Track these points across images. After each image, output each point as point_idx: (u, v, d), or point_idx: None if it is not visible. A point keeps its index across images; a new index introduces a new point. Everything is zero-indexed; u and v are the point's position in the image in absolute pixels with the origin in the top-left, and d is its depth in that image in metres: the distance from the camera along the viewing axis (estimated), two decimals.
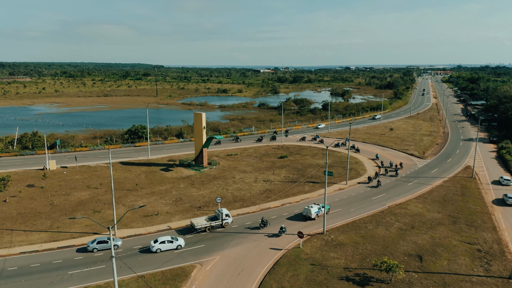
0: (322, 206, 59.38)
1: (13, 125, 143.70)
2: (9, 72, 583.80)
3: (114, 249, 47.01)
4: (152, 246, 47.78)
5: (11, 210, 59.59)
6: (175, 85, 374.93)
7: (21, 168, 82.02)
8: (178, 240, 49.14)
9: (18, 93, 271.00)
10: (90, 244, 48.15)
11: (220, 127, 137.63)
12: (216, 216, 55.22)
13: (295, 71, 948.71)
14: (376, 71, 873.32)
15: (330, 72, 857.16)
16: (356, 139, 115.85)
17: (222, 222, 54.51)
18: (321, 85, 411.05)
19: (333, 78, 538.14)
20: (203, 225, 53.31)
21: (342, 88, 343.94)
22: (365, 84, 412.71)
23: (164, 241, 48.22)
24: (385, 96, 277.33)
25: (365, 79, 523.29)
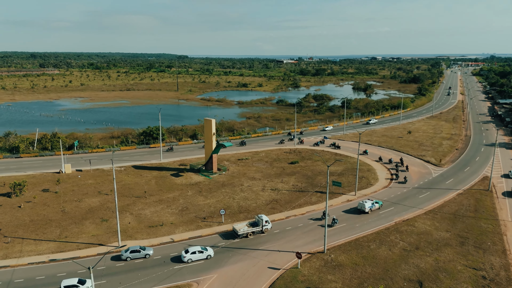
0: (375, 202, 66.58)
1: (38, 122, 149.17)
2: (39, 63, 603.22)
3: (145, 258, 50.61)
4: (183, 256, 49.71)
5: (24, 217, 62.16)
6: (196, 78, 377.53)
7: (39, 171, 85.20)
8: (208, 250, 51.14)
9: (46, 87, 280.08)
10: (123, 253, 50.54)
11: (235, 126, 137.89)
12: (256, 222, 58.23)
13: (319, 62, 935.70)
14: (403, 62, 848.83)
15: (355, 63, 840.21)
16: (371, 143, 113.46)
17: (262, 228, 57.52)
18: (344, 78, 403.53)
19: (357, 70, 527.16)
20: (245, 231, 56.30)
21: (365, 82, 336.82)
22: (389, 77, 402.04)
23: (195, 252, 50.26)
24: (409, 91, 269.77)
25: (390, 71, 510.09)
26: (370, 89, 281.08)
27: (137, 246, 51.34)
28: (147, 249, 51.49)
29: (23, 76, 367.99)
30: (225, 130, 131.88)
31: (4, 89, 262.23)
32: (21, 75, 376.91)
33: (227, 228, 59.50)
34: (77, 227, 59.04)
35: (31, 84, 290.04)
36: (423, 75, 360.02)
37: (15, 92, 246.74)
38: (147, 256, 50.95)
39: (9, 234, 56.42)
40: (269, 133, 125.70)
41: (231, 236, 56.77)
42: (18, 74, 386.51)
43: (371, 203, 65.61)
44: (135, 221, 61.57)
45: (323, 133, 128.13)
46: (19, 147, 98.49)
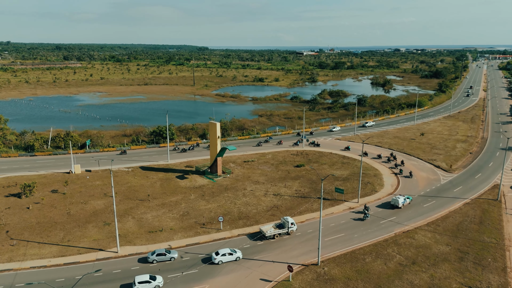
0: (407, 197, 71.70)
1: (56, 118, 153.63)
2: (64, 55, 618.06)
3: (171, 261, 53.13)
4: (214, 258, 52.19)
5: (31, 219, 64.61)
6: (214, 71, 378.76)
7: (50, 171, 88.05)
8: (237, 253, 53.53)
9: (67, 81, 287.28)
10: (150, 255, 52.62)
11: (246, 125, 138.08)
12: (282, 224, 60.33)
13: (340, 54, 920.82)
14: (427, 54, 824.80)
15: (377, 55, 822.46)
16: (382, 145, 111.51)
17: (288, 230, 59.74)
18: (363, 72, 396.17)
19: (378, 63, 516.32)
20: (272, 232, 58.49)
21: (384, 77, 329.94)
22: (410, 71, 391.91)
23: (225, 254, 52.77)
24: (429, 87, 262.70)
25: (412, 64, 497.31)
26: (388, 85, 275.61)
27: (162, 250, 53.49)
28: (172, 252, 53.76)
29: (46, 69, 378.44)
30: (236, 129, 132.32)
31: (28, 83, 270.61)
32: (45, 68, 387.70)
33: (224, 235, 60.12)
34: (80, 231, 60.96)
35: (54, 78, 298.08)
36: (445, 69, 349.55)
37: (37, 86, 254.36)
38: (172, 259, 53.18)
39: (16, 236, 58.86)
40: (279, 133, 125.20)
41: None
42: (42, 67, 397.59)
43: (403, 198, 70.69)
44: (136, 225, 63.03)
45: (330, 134, 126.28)
46: (34, 145, 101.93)
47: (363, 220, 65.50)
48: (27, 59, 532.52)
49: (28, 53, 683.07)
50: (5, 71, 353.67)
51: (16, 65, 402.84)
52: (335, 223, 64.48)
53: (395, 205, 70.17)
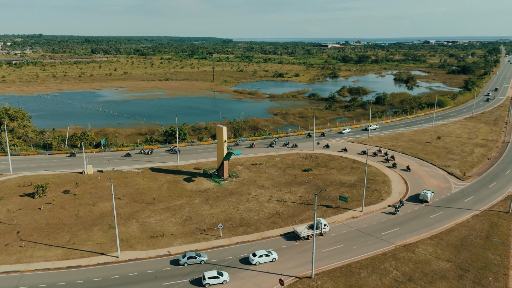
0: (432, 192, 76.00)
1: (77, 115, 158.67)
2: (91, 48, 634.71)
3: (201, 264, 55.20)
4: (252, 259, 54.91)
5: (42, 220, 67.56)
6: (235, 65, 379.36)
7: (65, 171, 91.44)
8: (273, 254, 55.83)
9: (92, 75, 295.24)
10: (181, 258, 54.97)
11: (259, 124, 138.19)
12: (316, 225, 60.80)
13: (366, 46, 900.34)
14: (458, 47, 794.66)
15: (405, 48, 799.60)
16: (395, 148, 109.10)
17: (321, 231, 62.09)
18: (388, 67, 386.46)
19: (404, 57, 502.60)
20: (306, 233, 60.79)
21: (408, 72, 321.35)
22: (437, 66, 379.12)
23: (262, 255, 55.27)
24: (455, 84, 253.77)
25: (440, 58, 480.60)
26: (412, 81, 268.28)
27: (193, 253, 55.64)
28: (202, 255, 55.68)
29: (73, 63, 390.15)
30: (249, 129, 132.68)
31: (55, 77, 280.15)
32: (72, 62, 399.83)
33: (223, 243, 60.93)
34: (85, 234, 63.31)
35: (79, 73, 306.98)
36: (474, 64, 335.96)
37: (63, 81, 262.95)
38: (202, 262, 55.14)
39: (25, 237, 61.81)
40: (291, 133, 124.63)
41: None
42: (69, 61, 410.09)
43: (430, 192, 75.11)
44: (139, 229, 64.79)
45: (341, 136, 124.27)
46: (52, 144, 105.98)
47: (394, 214, 70.10)
48: (57, 52, 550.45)
49: (58, 46, 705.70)
50: (34, 65, 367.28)
51: (45, 59, 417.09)
52: (336, 233, 64.06)
53: (424, 200, 74.38)
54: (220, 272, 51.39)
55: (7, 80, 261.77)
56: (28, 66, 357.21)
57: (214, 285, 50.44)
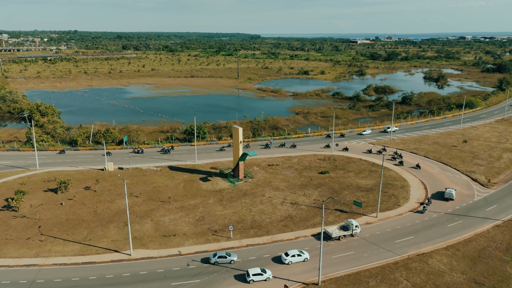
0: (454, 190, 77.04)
1: (103, 111, 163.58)
2: (123, 45, 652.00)
3: (231, 263, 56.37)
4: (284, 259, 56.20)
5: (62, 215, 70.41)
6: (261, 62, 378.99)
7: (87, 167, 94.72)
8: (305, 254, 57.12)
9: (121, 72, 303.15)
10: (212, 257, 56.34)
11: (280, 124, 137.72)
12: (346, 226, 63.45)
13: (397, 42, 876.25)
14: (495, 43, 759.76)
15: (438, 44, 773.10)
16: (418, 152, 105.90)
17: (352, 232, 62.83)
18: (418, 65, 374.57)
19: (436, 54, 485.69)
20: (337, 234, 61.98)
21: (440, 71, 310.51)
22: (471, 64, 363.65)
23: (294, 255, 56.51)
24: (489, 83, 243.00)
25: (476, 55, 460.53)
26: (442, 80, 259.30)
27: (223, 252, 56.81)
28: (232, 255, 56.88)
29: (104, 60, 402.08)
30: (269, 128, 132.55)
31: (86, 74, 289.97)
32: (103, 59, 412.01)
33: (233, 244, 61.41)
34: (102, 230, 65.49)
35: (109, 69, 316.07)
36: (511, 62, 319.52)
37: (94, 77, 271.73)
38: (232, 262, 56.28)
39: (46, 232, 64.67)
40: (311, 134, 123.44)
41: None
42: (101, 57, 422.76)
43: (454, 190, 76.32)
44: (153, 228, 66.32)
45: (360, 137, 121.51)
46: (77, 140, 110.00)
47: (423, 212, 71.11)
48: (90, 49, 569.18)
49: (92, 43, 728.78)
50: (68, 61, 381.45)
51: (78, 55, 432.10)
52: (347, 238, 63.15)
53: (450, 198, 75.60)
54: (264, 270, 52.80)
55: (41, 76, 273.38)
56: (62, 62, 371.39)
57: (258, 281, 51.97)
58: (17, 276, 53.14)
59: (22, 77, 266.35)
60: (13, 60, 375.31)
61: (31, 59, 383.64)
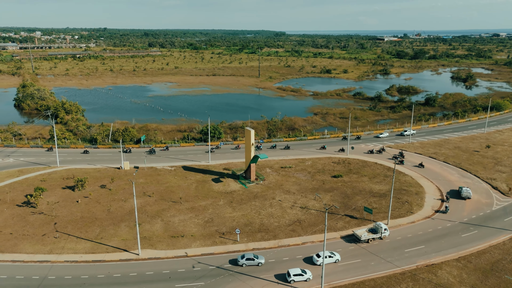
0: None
1: (125, 109, 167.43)
2: (149, 42, 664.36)
3: (258, 266, 56.90)
4: (316, 260, 56.97)
5: (77, 213, 72.82)
6: (284, 60, 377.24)
7: (105, 165, 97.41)
8: (336, 255, 57.70)
9: (145, 69, 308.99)
10: (240, 259, 57.08)
11: (297, 124, 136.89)
12: (375, 229, 63.88)
13: (426, 39, 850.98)
14: None
15: (470, 41, 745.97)
16: (437, 157, 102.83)
17: (381, 235, 63.20)
18: (446, 64, 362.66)
19: (467, 52, 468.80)
20: (366, 237, 62.43)
21: (469, 70, 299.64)
22: (503, 63, 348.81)
23: (326, 256, 56.76)
24: None
25: (509, 53, 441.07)
26: (471, 80, 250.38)
27: (251, 254, 57.53)
28: (259, 257, 57.53)
29: (130, 57, 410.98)
30: (285, 129, 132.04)
31: (112, 71, 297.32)
32: (129, 56, 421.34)
33: (240, 248, 61.78)
34: (113, 229, 67.32)
35: (134, 67, 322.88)
36: None
37: (119, 75, 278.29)
38: (260, 264, 56.96)
39: (61, 229, 67.10)
40: (327, 135, 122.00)
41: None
42: (126, 55, 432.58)
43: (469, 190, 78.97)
44: (163, 228, 67.58)
45: (377, 140, 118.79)
46: (97, 139, 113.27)
47: (446, 213, 72.09)
48: (118, 46, 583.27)
49: (120, 40, 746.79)
50: (96, 58, 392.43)
51: (105, 52, 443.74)
52: (355, 246, 62.27)
53: (467, 196, 77.21)
54: (304, 270, 53.61)
55: (69, 73, 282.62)
56: (90, 59, 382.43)
57: (298, 282, 52.85)
58: (30, 272, 55.48)
59: (51, 74, 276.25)
60: (44, 57, 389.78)
61: (61, 56, 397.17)
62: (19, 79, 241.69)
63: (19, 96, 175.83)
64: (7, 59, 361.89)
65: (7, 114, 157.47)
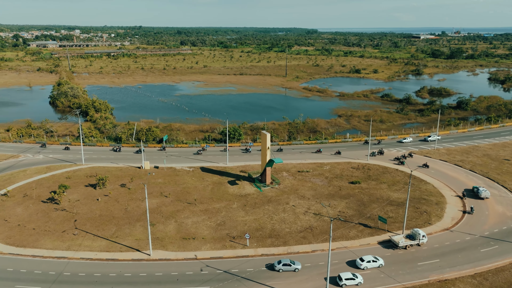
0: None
1: (151, 108, 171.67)
2: (181, 40, 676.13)
3: (295, 271, 56.77)
4: (360, 264, 57.50)
5: (96, 211, 75.65)
6: (313, 59, 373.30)
7: (127, 164, 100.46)
8: (380, 260, 58.15)
9: (175, 68, 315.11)
10: (276, 264, 57.40)
11: (319, 126, 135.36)
12: (412, 235, 63.63)
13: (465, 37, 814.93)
14: None
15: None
16: (463, 165, 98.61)
17: (419, 242, 63.15)
18: (485, 64, 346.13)
19: (509, 51, 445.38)
20: (404, 243, 62.49)
21: (509, 71, 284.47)
22: None
23: (369, 260, 57.79)
24: None
25: None
26: (510, 82, 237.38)
27: (287, 260, 57.65)
28: (296, 263, 57.62)
29: (161, 56, 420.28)
30: (307, 131, 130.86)
31: (143, 70, 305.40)
32: (161, 54, 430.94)
33: (249, 253, 62.10)
34: (129, 228, 69.47)
35: (164, 65, 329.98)
36: None
37: (149, 73, 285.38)
38: (296, 270, 57.22)
39: (80, 226, 70.02)
40: (349, 139, 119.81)
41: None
42: (158, 53, 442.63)
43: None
44: (175, 230, 69.00)
45: (400, 145, 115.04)
46: (121, 138, 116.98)
47: (472, 213, 73.18)
48: (151, 44, 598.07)
49: (153, 38, 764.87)
50: (129, 56, 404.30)
51: (138, 51, 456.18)
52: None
53: (486, 196, 78.93)
54: (355, 274, 54.28)
55: (103, 71, 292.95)
56: (123, 58, 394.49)
57: (350, 286, 53.56)
58: (48, 267, 58.32)
59: (86, 72, 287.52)
60: (80, 55, 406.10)
61: (96, 54, 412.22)
62: (56, 77, 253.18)
63: (54, 93, 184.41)
64: (46, 57, 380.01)
65: (42, 111, 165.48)
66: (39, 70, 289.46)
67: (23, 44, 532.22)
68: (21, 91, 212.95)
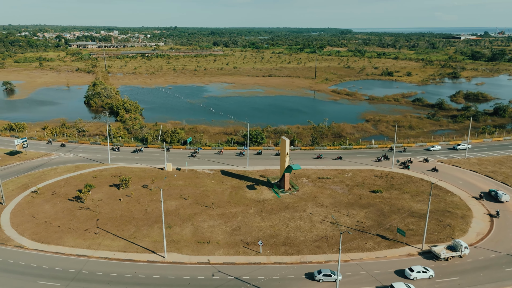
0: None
1: (179, 110, 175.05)
2: (213, 41, 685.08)
3: (336, 282, 55.25)
4: (409, 274, 57.25)
5: (118, 211, 78.20)
6: (344, 61, 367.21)
7: (151, 165, 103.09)
8: (430, 271, 57.75)
9: (206, 69, 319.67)
10: (316, 274, 56.86)
11: (344, 131, 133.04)
12: (454, 246, 62.80)
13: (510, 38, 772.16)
14: None
15: None
16: (495, 176, 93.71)
17: (461, 253, 62.18)
18: None
19: None
20: (445, 254, 61.66)
21: None
22: None
23: (419, 271, 57.41)
24: None
25: None
26: None
27: (328, 270, 57.15)
28: (335, 273, 56.50)
29: (194, 57, 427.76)
30: (331, 135, 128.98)
31: (174, 71, 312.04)
32: (193, 55, 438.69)
33: (261, 260, 62.07)
34: (147, 229, 71.32)
35: (196, 66, 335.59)
36: None
37: (180, 74, 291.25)
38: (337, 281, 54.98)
39: (101, 226, 72.67)
40: (375, 145, 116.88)
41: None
42: (190, 54, 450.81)
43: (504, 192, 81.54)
44: (191, 233, 70.08)
45: (427, 153, 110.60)
46: (147, 139, 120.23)
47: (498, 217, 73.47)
48: (185, 45, 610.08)
49: (187, 39, 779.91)
50: (162, 57, 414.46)
51: (171, 51, 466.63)
52: (380, 269, 59.37)
53: (506, 200, 79.83)
54: (408, 285, 53.90)
55: (136, 72, 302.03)
56: (157, 58, 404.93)
57: None
58: (68, 265, 60.95)
59: (120, 73, 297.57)
60: (117, 56, 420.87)
61: (131, 55, 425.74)
62: (93, 77, 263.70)
63: (88, 94, 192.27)
64: (85, 57, 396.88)
65: (77, 110, 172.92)
66: (77, 70, 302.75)
67: (65, 45, 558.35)
68: (60, 90, 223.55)
